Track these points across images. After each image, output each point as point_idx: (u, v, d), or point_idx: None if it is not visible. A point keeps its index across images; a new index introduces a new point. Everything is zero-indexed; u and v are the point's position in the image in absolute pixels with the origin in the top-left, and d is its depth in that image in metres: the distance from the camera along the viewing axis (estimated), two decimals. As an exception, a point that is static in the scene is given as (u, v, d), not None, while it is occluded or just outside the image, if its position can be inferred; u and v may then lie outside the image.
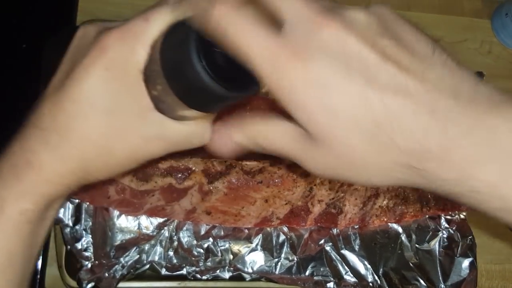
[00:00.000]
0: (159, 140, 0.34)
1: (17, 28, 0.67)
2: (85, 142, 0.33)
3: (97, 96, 0.32)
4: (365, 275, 0.61)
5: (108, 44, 0.31)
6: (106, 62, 0.31)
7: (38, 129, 0.33)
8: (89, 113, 0.32)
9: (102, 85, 0.32)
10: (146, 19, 0.31)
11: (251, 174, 0.59)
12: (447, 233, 0.65)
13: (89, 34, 0.33)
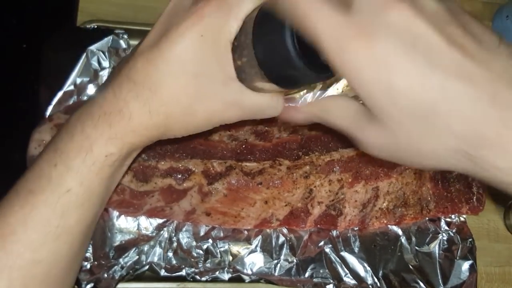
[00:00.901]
0: (237, 107, 0.37)
1: (17, 28, 0.67)
2: (172, 100, 0.35)
3: (188, 59, 0.34)
4: (365, 277, 0.61)
5: (205, 13, 0.33)
6: (201, 29, 0.33)
7: (131, 82, 0.35)
8: (179, 73, 0.34)
9: (194, 49, 0.34)
10: None
11: (251, 175, 0.59)
12: (447, 235, 0.65)
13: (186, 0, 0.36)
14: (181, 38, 0.34)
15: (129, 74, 0.35)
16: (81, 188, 0.36)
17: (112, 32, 0.62)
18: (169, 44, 0.34)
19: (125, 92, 0.35)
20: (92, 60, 0.61)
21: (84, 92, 0.60)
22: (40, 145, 0.54)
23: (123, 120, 0.36)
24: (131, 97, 0.35)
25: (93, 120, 0.36)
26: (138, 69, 0.35)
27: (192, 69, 0.34)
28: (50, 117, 0.56)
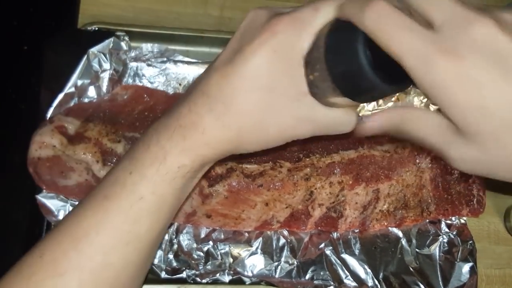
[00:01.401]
0: (309, 122, 0.37)
1: (18, 30, 0.67)
2: (245, 115, 0.36)
3: (261, 75, 0.35)
4: (365, 279, 0.61)
5: (279, 29, 0.34)
6: (274, 45, 0.34)
7: (205, 96, 0.36)
8: (252, 88, 0.35)
9: (267, 65, 0.34)
10: (316, 8, 0.34)
11: (252, 177, 0.59)
12: (447, 237, 0.65)
13: (260, 17, 0.36)
14: (255, 54, 0.34)
15: (204, 89, 0.36)
16: (153, 197, 0.37)
17: (113, 34, 0.62)
18: (243, 60, 0.35)
19: (200, 106, 0.36)
20: (93, 62, 0.61)
21: (85, 94, 0.60)
22: (41, 147, 0.54)
23: (197, 133, 0.37)
24: (205, 111, 0.36)
25: (168, 132, 0.37)
26: (212, 84, 0.36)
27: (265, 84, 0.35)
28: (51, 119, 0.57)
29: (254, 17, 0.37)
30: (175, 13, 0.73)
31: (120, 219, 0.37)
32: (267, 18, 0.35)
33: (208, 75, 0.37)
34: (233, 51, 0.36)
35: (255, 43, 0.34)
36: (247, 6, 0.74)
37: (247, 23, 0.37)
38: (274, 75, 0.35)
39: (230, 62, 0.36)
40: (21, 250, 0.58)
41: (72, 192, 0.55)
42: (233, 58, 0.35)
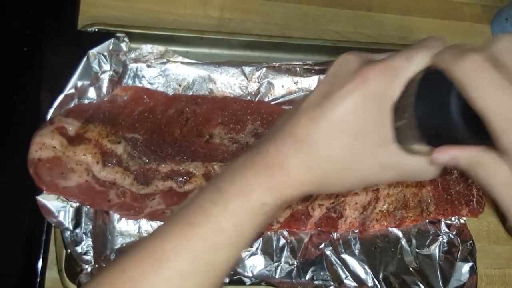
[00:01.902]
0: (393, 169, 0.38)
1: (19, 31, 0.67)
2: (331, 159, 0.36)
3: (350, 120, 0.35)
4: (365, 280, 0.61)
5: (370, 77, 0.34)
6: (365, 92, 0.34)
7: (293, 138, 0.37)
8: (340, 133, 0.35)
9: (356, 111, 0.35)
10: (409, 58, 0.34)
11: (252, 178, 0.59)
12: (447, 237, 0.65)
13: (351, 62, 0.37)
14: (344, 99, 0.35)
15: (292, 131, 0.37)
16: (234, 231, 0.38)
17: (113, 35, 0.62)
18: (332, 104, 0.35)
19: (287, 147, 0.37)
20: (93, 63, 0.61)
21: (85, 95, 0.60)
22: (41, 148, 0.54)
23: (283, 173, 0.37)
24: (292, 153, 0.37)
25: (254, 168, 0.38)
26: (300, 126, 0.36)
27: (352, 130, 0.35)
28: (51, 120, 0.57)
29: (345, 62, 0.37)
30: (174, 14, 0.73)
31: (200, 247, 0.38)
32: (359, 65, 0.36)
33: (297, 116, 0.37)
34: (323, 95, 0.36)
35: (346, 89, 0.35)
36: (247, 7, 0.75)
37: (337, 67, 0.38)
38: (362, 121, 0.35)
39: (319, 105, 0.36)
40: (22, 250, 0.59)
41: (72, 193, 0.55)
42: (322, 102, 0.36)
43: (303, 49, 0.72)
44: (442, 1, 0.83)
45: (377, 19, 0.79)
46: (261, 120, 0.64)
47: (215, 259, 0.38)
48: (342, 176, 0.38)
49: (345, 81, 0.35)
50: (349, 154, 0.36)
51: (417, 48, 0.35)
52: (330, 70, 0.38)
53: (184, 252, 0.37)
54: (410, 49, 0.35)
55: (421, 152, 0.37)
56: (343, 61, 0.37)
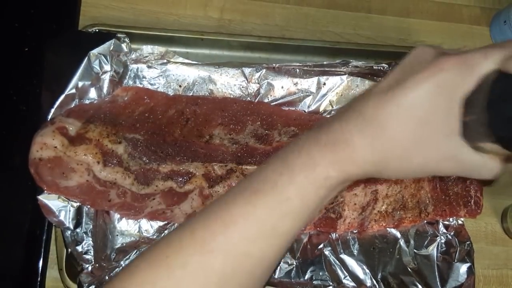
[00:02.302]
0: (453, 161, 0.38)
1: (20, 31, 0.67)
2: (395, 142, 0.37)
3: (419, 107, 0.36)
4: (364, 280, 0.62)
5: (446, 67, 0.35)
6: (439, 81, 0.35)
7: (361, 116, 0.37)
8: (408, 118, 0.36)
9: (427, 99, 0.36)
10: (485, 54, 0.35)
11: (251, 178, 0.60)
12: (445, 238, 0.65)
13: (427, 53, 0.38)
14: (417, 86, 0.36)
15: (360, 109, 0.38)
16: (299, 200, 0.39)
17: (113, 36, 0.63)
18: (404, 89, 0.36)
19: (352, 125, 0.38)
20: (94, 63, 0.61)
21: (86, 95, 0.61)
22: (42, 148, 0.54)
23: (346, 150, 0.38)
24: (357, 131, 0.37)
25: (319, 144, 0.39)
26: (369, 106, 0.37)
27: (421, 116, 0.36)
28: (52, 120, 0.57)
29: (420, 52, 0.38)
30: (175, 15, 0.73)
31: (266, 214, 0.39)
32: (435, 55, 0.37)
33: (366, 98, 0.38)
34: (395, 80, 0.37)
35: (420, 76, 0.36)
36: (247, 9, 0.75)
37: (413, 57, 0.39)
38: (432, 110, 0.36)
39: (391, 89, 0.37)
40: (22, 249, 0.59)
41: (73, 193, 0.56)
42: (394, 86, 0.37)
43: (303, 51, 0.73)
44: (441, 3, 0.84)
45: (376, 21, 0.80)
46: (260, 121, 0.64)
47: (280, 227, 0.40)
48: (404, 161, 0.38)
49: (420, 69, 0.36)
50: (414, 140, 0.37)
51: (495, 47, 0.36)
52: (405, 59, 0.39)
53: (251, 218, 0.39)
54: (488, 46, 0.36)
55: (485, 149, 0.37)
56: (419, 52, 0.38)
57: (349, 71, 0.68)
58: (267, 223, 0.39)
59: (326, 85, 0.68)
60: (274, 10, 0.77)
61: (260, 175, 0.41)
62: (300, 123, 0.65)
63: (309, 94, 0.68)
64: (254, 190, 0.40)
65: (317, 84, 0.68)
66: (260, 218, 0.39)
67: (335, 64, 0.68)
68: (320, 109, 0.68)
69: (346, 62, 0.67)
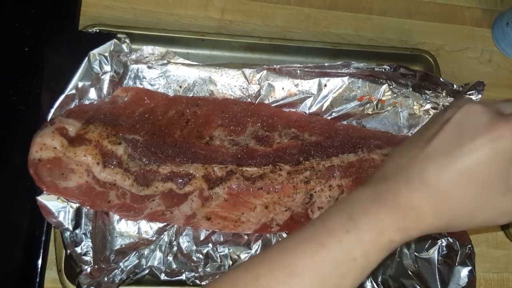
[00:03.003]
0: (508, 215, 0.40)
1: (20, 31, 0.67)
2: (459, 207, 0.39)
3: (478, 172, 0.37)
4: (364, 283, 0.61)
5: (504, 134, 0.37)
6: (497, 148, 0.37)
7: (424, 183, 0.39)
8: (469, 184, 0.38)
9: (486, 164, 0.37)
10: None
11: (252, 180, 0.60)
12: (446, 241, 0.65)
13: (479, 113, 0.39)
14: (475, 152, 0.37)
15: (422, 175, 0.39)
16: (363, 261, 0.40)
17: (114, 36, 0.62)
18: (463, 155, 0.37)
19: (418, 193, 0.39)
20: (94, 64, 0.61)
21: (86, 95, 0.60)
22: (42, 148, 0.54)
23: (414, 218, 0.39)
24: (423, 197, 0.39)
25: (387, 207, 0.40)
26: (430, 172, 0.38)
27: (480, 181, 0.38)
28: (52, 121, 0.57)
29: (472, 112, 0.39)
30: (175, 15, 0.73)
31: (332, 270, 0.39)
32: (489, 117, 0.38)
33: (422, 159, 0.39)
34: (450, 143, 0.38)
35: (478, 142, 0.37)
36: (248, 9, 0.75)
37: (464, 116, 0.39)
38: (490, 174, 0.37)
39: (449, 154, 0.38)
40: (21, 250, 0.59)
41: (72, 194, 0.55)
42: (452, 150, 0.38)
43: (304, 52, 0.73)
44: (443, 5, 0.83)
45: (378, 22, 0.80)
46: (261, 122, 0.64)
47: (343, 284, 0.40)
48: (465, 221, 0.40)
49: (477, 133, 0.37)
50: (476, 203, 0.39)
51: None
52: (455, 117, 0.40)
53: (315, 272, 0.39)
54: None
55: None
56: (469, 111, 0.39)
57: (350, 73, 0.68)
58: (331, 279, 0.40)
59: (327, 86, 0.68)
60: (275, 11, 0.76)
61: (326, 226, 0.41)
62: (300, 124, 0.65)
63: (310, 96, 0.68)
64: (320, 243, 0.40)
65: (318, 85, 0.68)
66: (324, 274, 0.39)
67: (336, 65, 0.67)
68: (321, 110, 0.68)
69: (347, 64, 0.67)
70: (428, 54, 0.74)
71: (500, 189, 0.38)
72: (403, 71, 0.68)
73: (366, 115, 0.69)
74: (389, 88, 0.69)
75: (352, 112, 0.69)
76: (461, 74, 0.79)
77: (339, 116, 0.69)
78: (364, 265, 0.40)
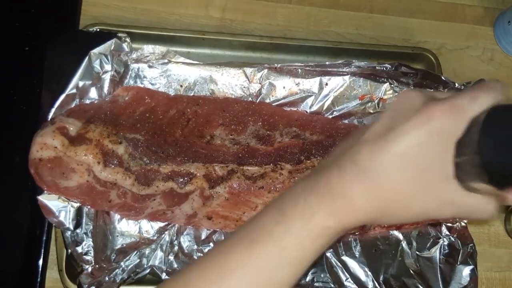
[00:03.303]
0: (452, 206, 0.38)
1: (20, 31, 0.67)
2: (393, 191, 0.37)
3: (413, 155, 0.36)
4: (366, 282, 0.61)
5: (436, 115, 0.35)
6: (429, 129, 0.35)
7: (356, 166, 0.37)
8: (403, 167, 0.36)
9: (420, 146, 0.36)
10: (474, 98, 0.36)
11: (253, 179, 0.59)
12: (448, 240, 0.65)
13: (414, 98, 0.38)
14: (408, 134, 0.36)
15: (354, 158, 0.38)
16: (297, 249, 0.39)
17: (114, 36, 0.62)
18: (395, 138, 0.36)
19: (349, 175, 0.38)
20: (95, 63, 0.61)
21: (86, 95, 0.60)
22: (42, 148, 0.54)
23: (345, 202, 0.38)
24: (354, 182, 0.37)
25: (317, 195, 0.39)
26: (363, 155, 0.37)
27: (415, 164, 0.36)
28: (52, 120, 0.56)
29: (408, 97, 0.38)
30: (176, 14, 0.73)
31: (265, 263, 0.39)
32: (423, 101, 0.37)
33: (358, 145, 0.38)
34: (386, 127, 0.37)
35: (410, 124, 0.36)
36: (249, 8, 0.75)
37: (400, 102, 0.39)
38: (425, 157, 0.36)
39: (382, 137, 0.37)
40: (22, 250, 0.59)
41: (73, 193, 0.55)
42: (385, 133, 0.37)
43: (305, 51, 0.72)
44: (444, 3, 0.83)
45: (378, 21, 0.79)
46: (262, 121, 0.64)
47: (278, 276, 0.40)
48: (403, 209, 0.39)
49: (410, 116, 0.36)
50: (411, 187, 0.37)
51: (481, 89, 0.36)
52: (392, 105, 0.39)
53: (249, 268, 0.39)
54: (474, 89, 0.37)
55: (478, 190, 0.37)
56: (406, 97, 0.39)
57: (351, 71, 0.68)
58: (264, 273, 0.39)
59: (328, 85, 0.68)
60: (276, 10, 0.76)
61: (257, 223, 0.41)
62: (302, 123, 0.65)
63: (311, 95, 0.68)
64: (251, 239, 0.40)
65: (319, 84, 0.68)
66: (258, 269, 0.39)
67: (337, 64, 0.67)
68: (322, 109, 0.68)
69: (348, 62, 0.67)
70: (429, 52, 0.74)
71: (438, 175, 0.37)
72: (404, 69, 0.67)
73: (368, 114, 0.69)
74: (390, 86, 0.69)
75: (353, 111, 0.69)
76: (462, 73, 0.78)
77: (340, 115, 0.68)
78: (299, 255, 0.39)
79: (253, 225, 0.41)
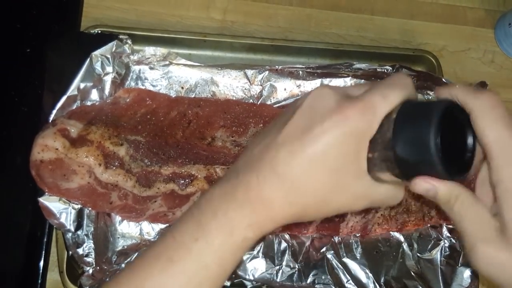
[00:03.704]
0: (365, 199, 0.39)
1: (21, 32, 0.67)
2: (311, 192, 0.38)
3: (329, 156, 0.36)
4: (367, 284, 0.61)
5: (350, 115, 0.36)
6: (345, 130, 0.36)
7: (274, 172, 0.37)
8: (320, 168, 0.37)
9: (336, 147, 0.36)
10: (385, 97, 0.37)
11: (254, 181, 0.59)
12: (448, 242, 0.65)
13: (327, 97, 0.38)
14: (324, 136, 0.36)
15: (272, 163, 0.37)
16: (217, 266, 0.39)
17: (115, 37, 0.62)
18: (312, 140, 0.36)
19: (268, 184, 0.37)
20: (96, 65, 0.61)
21: (88, 97, 0.60)
22: (43, 149, 0.54)
23: (265, 210, 0.38)
24: (274, 190, 0.37)
25: (236, 204, 0.38)
26: (280, 159, 0.37)
27: (331, 164, 0.37)
28: (54, 122, 0.56)
29: (321, 96, 0.38)
30: (177, 16, 0.73)
31: (183, 284, 0.38)
32: (336, 100, 0.37)
33: (275, 147, 0.38)
34: (301, 129, 0.37)
35: (326, 125, 0.36)
36: (250, 10, 0.75)
37: (313, 100, 0.39)
38: (341, 156, 0.37)
39: (299, 140, 0.37)
40: (23, 252, 0.59)
41: (74, 195, 0.55)
42: (301, 136, 0.37)
43: (306, 52, 0.72)
44: (445, 5, 0.83)
45: (380, 22, 0.79)
46: (263, 123, 0.64)
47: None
48: (320, 207, 0.39)
49: (325, 116, 0.37)
50: (328, 187, 0.38)
51: (391, 86, 0.37)
52: (305, 102, 0.39)
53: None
54: (384, 86, 0.38)
55: (387, 180, 0.39)
56: (318, 95, 0.39)
57: (352, 73, 0.68)
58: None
59: (329, 87, 0.68)
60: (277, 12, 0.76)
61: (174, 238, 0.40)
62: (303, 125, 0.65)
63: (312, 96, 0.68)
64: (169, 257, 0.39)
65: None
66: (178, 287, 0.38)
67: (338, 66, 0.67)
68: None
69: (349, 64, 0.67)
70: (430, 54, 0.74)
71: (352, 172, 0.37)
72: (405, 71, 0.68)
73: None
74: (391, 88, 0.69)
75: (354, 112, 0.69)
76: (463, 75, 0.78)
77: (341, 116, 0.68)
78: (219, 271, 0.39)
79: (171, 240, 0.40)
